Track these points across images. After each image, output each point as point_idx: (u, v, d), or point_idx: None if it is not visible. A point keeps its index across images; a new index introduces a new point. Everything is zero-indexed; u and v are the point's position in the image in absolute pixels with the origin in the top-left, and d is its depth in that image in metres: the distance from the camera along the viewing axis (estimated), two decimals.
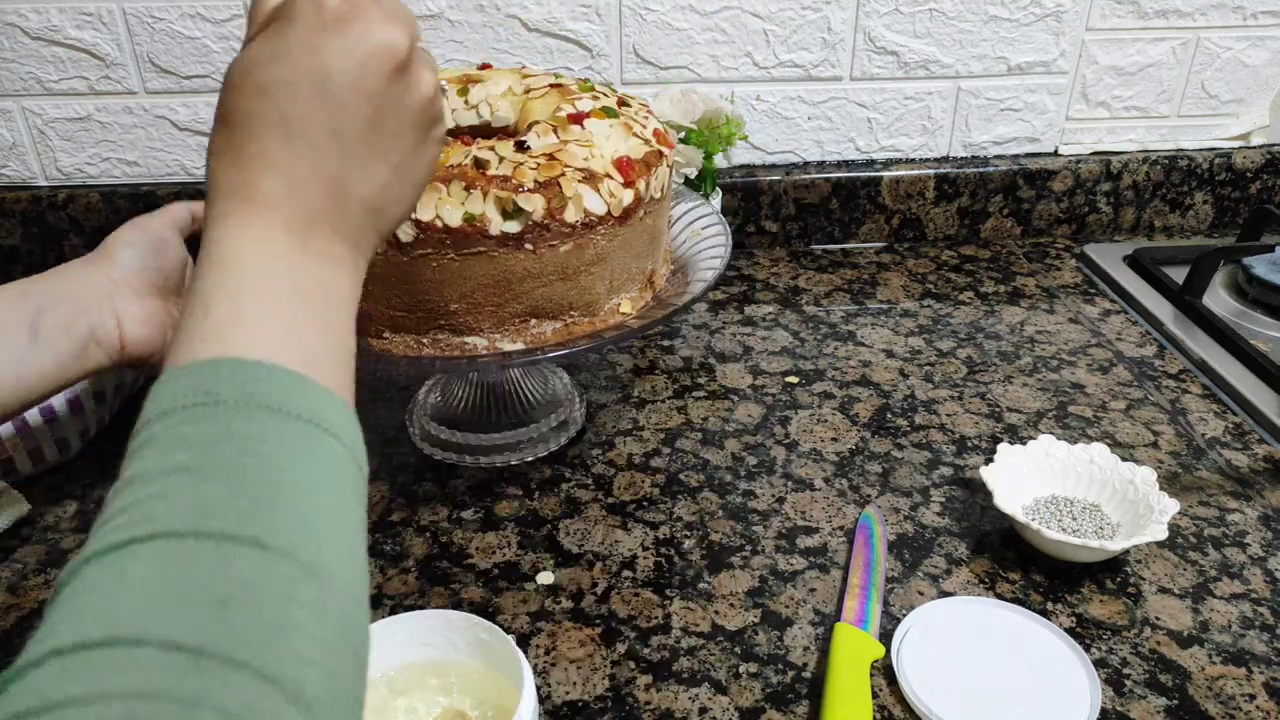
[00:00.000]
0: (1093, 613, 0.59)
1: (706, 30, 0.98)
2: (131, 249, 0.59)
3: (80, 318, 0.55)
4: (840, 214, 1.06)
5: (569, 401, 0.78)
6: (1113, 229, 1.10)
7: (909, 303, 0.95)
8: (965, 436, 0.75)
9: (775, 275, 1.01)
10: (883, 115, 1.04)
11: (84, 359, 0.55)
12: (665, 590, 0.61)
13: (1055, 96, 1.05)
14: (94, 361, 0.56)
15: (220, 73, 0.97)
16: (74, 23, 0.94)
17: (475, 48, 0.98)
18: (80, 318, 0.55)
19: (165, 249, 0.60)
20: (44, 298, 0.55)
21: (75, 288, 0.56)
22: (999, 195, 1.06)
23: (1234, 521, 0.67)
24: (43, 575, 0.63)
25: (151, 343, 0.57)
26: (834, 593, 0.61)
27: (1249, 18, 1.02)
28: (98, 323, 0.56)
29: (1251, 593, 0.61)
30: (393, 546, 0.65)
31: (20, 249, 1.02)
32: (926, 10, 0.99)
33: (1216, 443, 0.74)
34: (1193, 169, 1.07)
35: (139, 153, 1.01)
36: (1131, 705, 0.53)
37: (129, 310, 0.57)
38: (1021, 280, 1.00)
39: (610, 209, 0.62)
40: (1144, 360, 0.85)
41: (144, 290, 0.58)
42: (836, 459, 0.73)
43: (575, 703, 0.54)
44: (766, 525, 0.67)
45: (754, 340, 0.89)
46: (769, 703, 0.54)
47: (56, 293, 0.55)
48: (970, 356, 0.86)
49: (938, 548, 0.65)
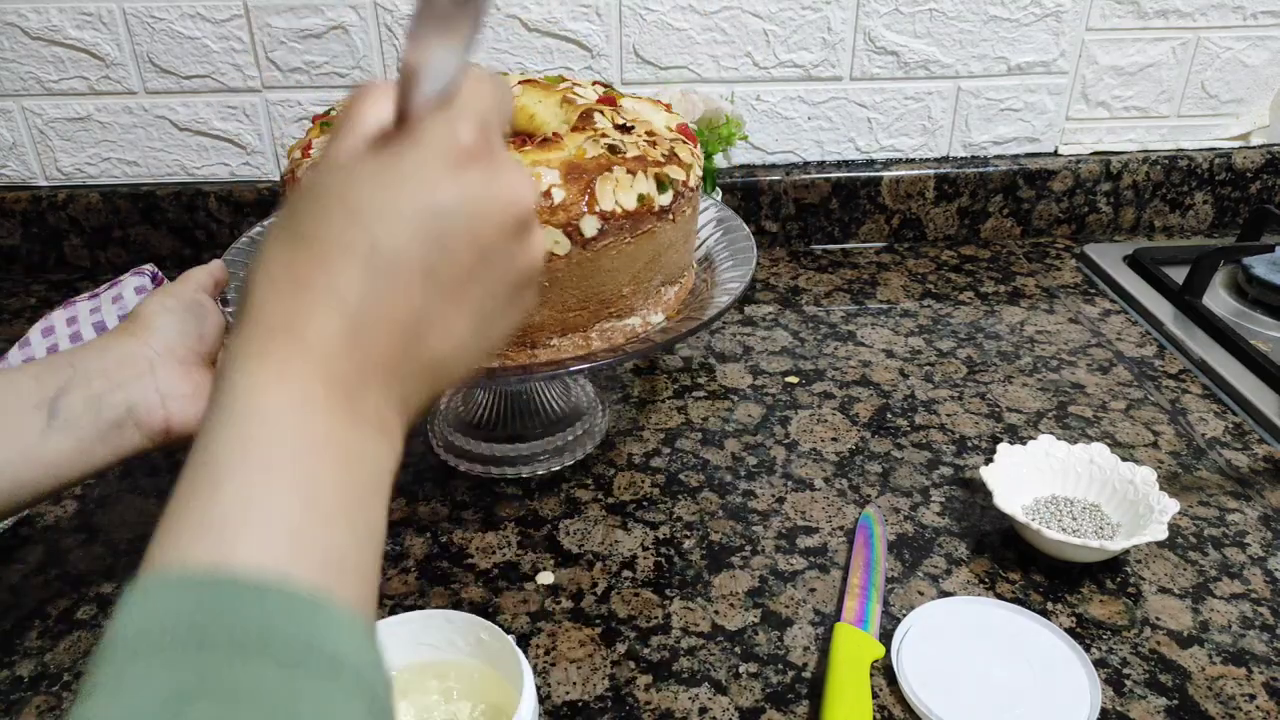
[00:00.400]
0: (1093, 613, 0.59)
1: (706, 30, 0.98)
2: (170, 315, 0.53)
3: (114, 394, 0.49)
4: (840, 214, 1.06)
5: (592, 410, 0.78)
6: (1113, 229, 1.10)
7: (909, 303, 0.95)
8: (965, 436, 0.75)
9: (775, 275, 1.01)
10: (883, 115, 1.04)
11: (116, 441, 0.49)
12: (665, 590, 0.61)
13: (1055, 96, 1.05)
14: (129, 444, 0.49)
15: (220, 73, 0.97)
16: (74, 23, 0.94)
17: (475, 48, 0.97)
18: (114, 394, 0.49)
19: (203, 312, 0.55)
20: (70, 373, 0.49)
21: (108, 361, 0.50)
22: (999, 195, 1.06)
23: (1234, 521, 0.67)
24: (42, 575, 0.63)
25: (197, 420, 0.50)
26: (834, 593, 0.61)
27: (1249, 18, 1.02)
28: (137, 399, 0.49)
29: (1251, 593, 0.61)
30: (393, 546, 0.65)
31: (20, 249, 1.02)
32: (926, 10, 0.99)
33: (1216, 443, 0.74)
34: (1193, 169, 1.07)
35: (139, 153, 1.01)
36: (1131, 705, 0.53)
37: (174, 386, 0.51)
38: (1021, 280, 1.00)
39: (697, 169, 0.67)
40: (1144, 360, 0.85)
41: (189, 360, 0.53)
42: (836, 459, 0.73)
43: (575, 703, 0.54)
44: (766, 525, 0.67)
45: (754, 340, 0.89)
46: (769, 703, 0.54)
47: (86, 367, 0.50)
48: (970, 356, 0.86)
49: (938, 548, 0.65)
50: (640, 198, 0.61)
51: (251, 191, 1.01)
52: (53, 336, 0.76)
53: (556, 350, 0.63)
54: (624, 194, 0.61)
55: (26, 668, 0.56)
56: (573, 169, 0.60)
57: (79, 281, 1.01)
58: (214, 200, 1.01)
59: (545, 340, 0.63)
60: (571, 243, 0.59)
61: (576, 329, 0.63)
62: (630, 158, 0.62)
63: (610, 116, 0.67)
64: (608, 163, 0.61)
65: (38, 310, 0.95)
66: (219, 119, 1.00)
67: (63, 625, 0.59)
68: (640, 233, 0.62)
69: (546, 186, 0.59)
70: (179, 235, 1.02)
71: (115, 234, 1.02)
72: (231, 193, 1.01)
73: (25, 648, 0.57)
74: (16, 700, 0.54)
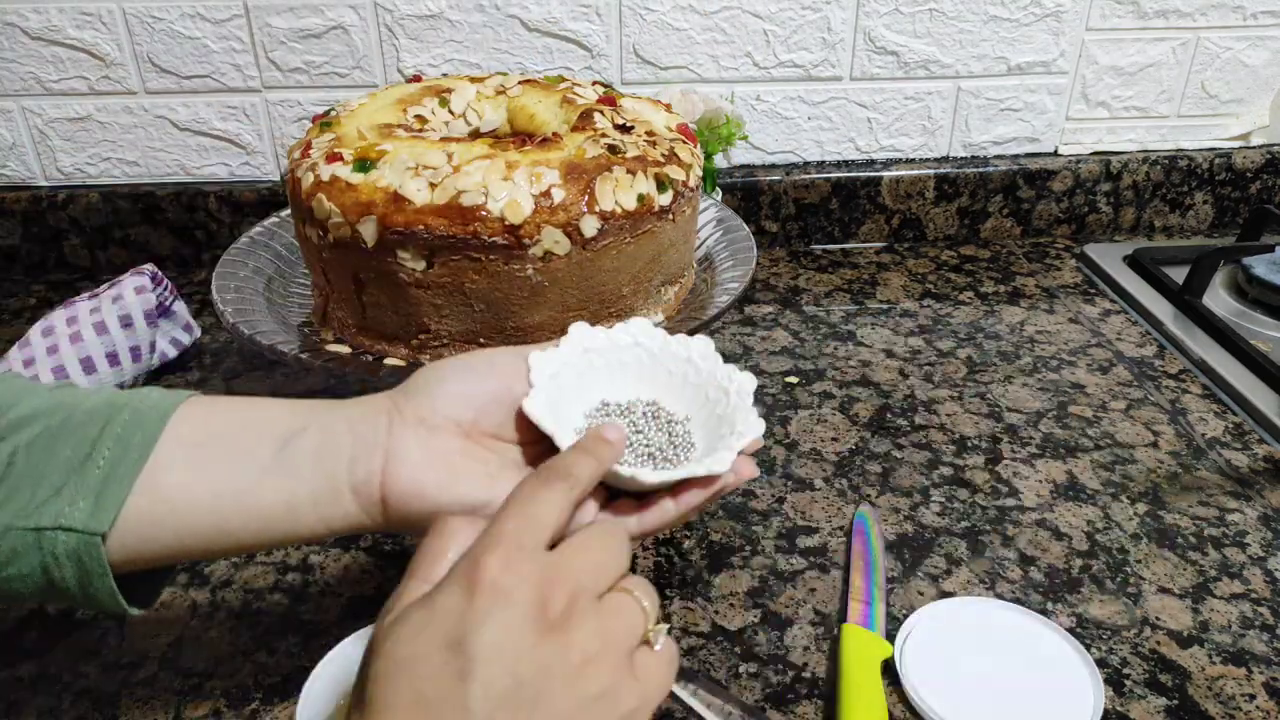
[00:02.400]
0: (1092, 613, 0.59)
1: (706, 30, 0.98)
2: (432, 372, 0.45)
3: (340, 441, 0.42)
4: (840, 214, 1.06)
5: None
6: (1113, 229, 1.10)
7: (909, 303, 0.95)
8: (965, 436, 0.75)
9: (775, 275, 1.01)
10: (883, 115, 1.04)
11: (330, 505, 0.42)
12: (665, 590, 0.61)
13: (1055, 96, 1.05)
14: (341, 513, 0.42)
15: (220, 73, 0.97)
16: (74, 23, 0.94)
17: (475, 48, 0.98)
18: (340, 441, 0.42)
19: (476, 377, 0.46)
20: (317, 415, 0.43)
21: (353, 410, 0.44)
22: (999, 195, 1.06)
23: (1234, 521, 0.67)
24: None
25: (418, 498, 0.42)
26: (834, 593, 0.61)
27: (1249, 18, 1.02)
28: (360, 453, 0.42)
29: (1251, 593, 0.61)
30: (393, 546, 0.65)
31: (20, 249, 1.02)
32: (926, 10, 0.99)
33: (1216, 443, 0.74)
34: (1193, 169, 1.07)
35: (139, 153, 1.01)
36: (1131, 705, 0.53)
37: (405, 446, 0.42)
38: (1021, 280, 1.00)
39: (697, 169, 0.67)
40: (1144, 360, 0.85)
41: (436, 425, 0.43)
42: (836, 459, 0.73)
43: None
44: (766, 525, 0.67)
45: (754, 340, 0.89)
46: (769, 703, 0.54)
47: (332, 413, 0.44)
48: (970, 356, 0.86)
49: (938, 548, 0.65)
50: (640, 198, 0.61)
51: (251, 191, 1.01)
52: (53, 336, 0.76)
53: None
54: (624, 194, 0.61)
55: (26, 668, 0.56)
56: (573, 169, 0.60)
57: (79, 281, 1.01)
58: (214, 200, 1.01)
59: (545, 340, 0.63)
60: (571, 243, 0.59)
61: None
62: (630, 158, 0.62)
63: (610, 116, 0.67)
64: (608, 163, 0.61)
65: (38, 310, 0.95)
66: (219, 119, 1.00)
67: (63, 625, 0.59)
68: (640, 233, 0.62)
69: (546, 186, 0.59)
70: (179, 235, 1.02)
71: (115, 234, 1.02)
72: (231, 193, 1.01)
73: (25, 648, 0.57)
74: (16, 700, 0.54)
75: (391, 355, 0.64)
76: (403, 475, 0.42)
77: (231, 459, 0.42)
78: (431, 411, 0.44)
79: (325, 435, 0.43)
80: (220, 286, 0.67)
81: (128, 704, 0.54)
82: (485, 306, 0.60)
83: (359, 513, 0.43)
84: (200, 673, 0.56)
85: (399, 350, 0.64)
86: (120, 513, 0.40)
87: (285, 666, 0.56)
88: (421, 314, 0.61)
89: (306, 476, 0.42)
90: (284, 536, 0.43)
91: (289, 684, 0.55)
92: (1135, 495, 0.69)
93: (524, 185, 0.58)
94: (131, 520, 0.41)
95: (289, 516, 0.42)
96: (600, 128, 0.65)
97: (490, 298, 0.60)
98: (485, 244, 0.58)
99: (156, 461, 0.42)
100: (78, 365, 0.74)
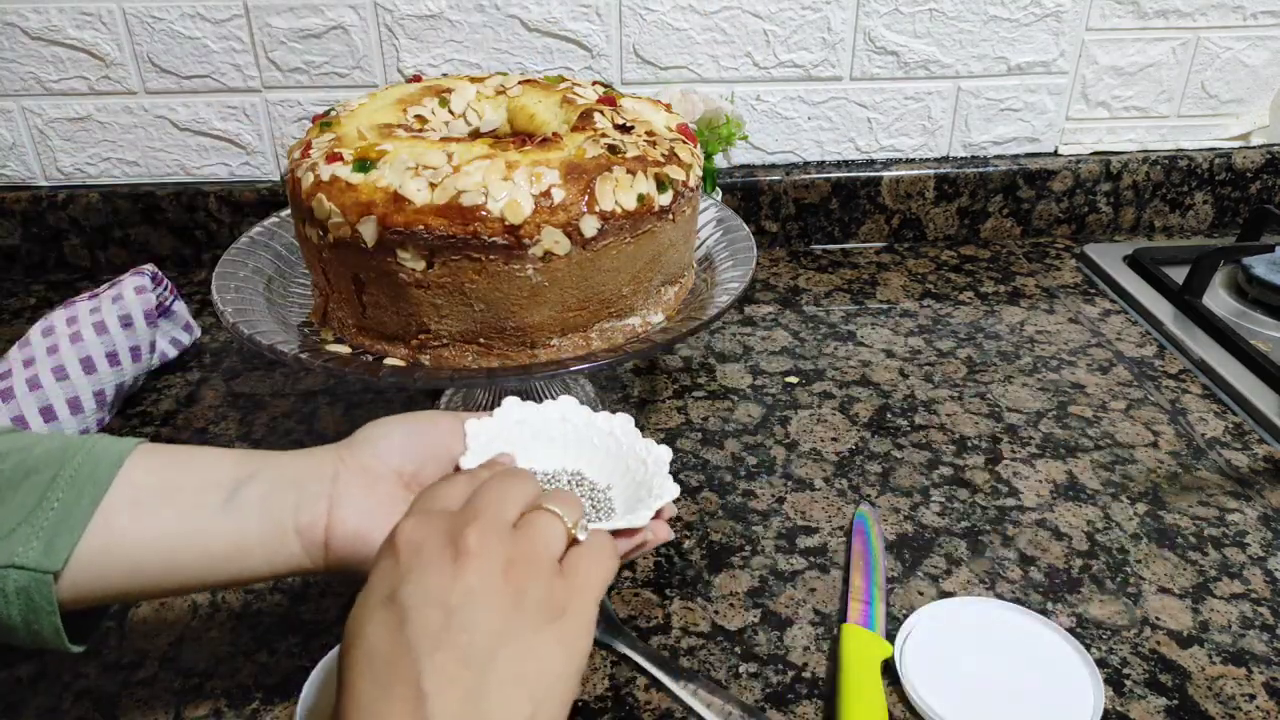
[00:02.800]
0: (1093, 613, 0.59)
1: (706, 30, 0.98)
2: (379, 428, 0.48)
3: (287, 490, 0.45)
4: (840, 214, 1.06)
5: None
6: (1113, 229, 1.10)
7: (909, 303, 0.95)
8: (965, 436, 0.75)
9: (775, 275, 1.01)
10: (883, 115, 1.04)
11: (273, 548, 0.44)
12: (665, 590, 0.61)
13: (1055, 96, 1.05)
14: (285, 555, 0.44)
15: (220, 73, 0.97)
16: (74, 23, 0.94)
17: (475, 48, 0.98)
18: (287, 490, 0.45)
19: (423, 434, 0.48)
20: (264, 464, 0.46)
21: (300, 461, 0.46)
22: (999, 195, 1.06)
23: (1234, 521, 0.67)
24: None
25: (361, 541, 0.44)
26: (834, 593, 0.61)
27: (1249, 18, 1.02)
28: (304, 501, 0.45)
29: (1251, 593, 0.61)
30: None
31: (20, 249, 1.02)
32: (926, 10, 0.99)
33: (1216, 443, 0.74)
34: (1193, 169, 1.07)
35: (139, 153, 1.01)
36: (1131, 705, 0.53)
37: (350, 493, 0.45)
38: (1021, 280, 1.00)
39: (697, 169, 0.67)
40: (1144, 360, 0.85)
41: (379, 474, 0.46)
42: (836, 459, 0.73)
43: (575, 702, 0.54)
44: (766, 525, 0.67)
45: (754, 340, 0.89)
46: (769, 703, 0.54)
47: (280, 462, 0.46)
48: (970, 356, 0.86)
49: (938, 548, 0.65)
50: (640, 198, 0.61)
51: (251, 191, 1.01)
52: (53, 336, 0.76)
53: (556, 350, 0.63)
54: (624, 194, 0.61)
55: (26, 668, 0.56)
56: (573, 169, 0.60)
57: (79, 281, 1.01)
58: (214, 200, 1.01)
59: (545, 340, 0.63)
60: (571, 243, 0.59)
61: (576, 329, 0.63)
62: (630, 158, 0.62)
63: (610, 116, 0.67)
64: (607, 163, 0.61)
65: (38, 310, 0.95)
66: (219, 119, 1.00)
67: None
68: (640, 233, 0.62)
69: (546, 186, 0.59)
70: (179, 235, 1.02)
71: (115, 234, 1.02)
72: (231, 193, 1.01)
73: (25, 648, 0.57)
74: (16, 700, 0.54)
75: (391, 355, 0.64)
76: (348, 520, 0.45)
77: (182, 503, 0.44)
78: (376, 461, 0.47)
79: (273, 483, 0.45)
80: (220, 286, 0.67)
81: (128, 704, 0.54)
82: (485, 306, 0.60)
83: (302, 555, 0.45)
84: (200, 673, 0.56)
85: (399, 350, 0.64)
86: (72, 553, 0.42)
87: (285, 666, 0.56)
88: (421, 314, 0.61)
89: (254, 521, 0.44)
90: (231, 578, 0.45)
91: (289, 684, 0.55)
92: (1135, 495, 0.69)
93: (524, 185, 0.58)
94: (84, 560, 0.42)
95: (237, 558, 0.44)
96: (600, 128, 0.65)
97: (490, 298, 0.60)
98: (485, 244, 0.58)
99: (109, 504, 0.43)
100: (78, 365, 0.74)
